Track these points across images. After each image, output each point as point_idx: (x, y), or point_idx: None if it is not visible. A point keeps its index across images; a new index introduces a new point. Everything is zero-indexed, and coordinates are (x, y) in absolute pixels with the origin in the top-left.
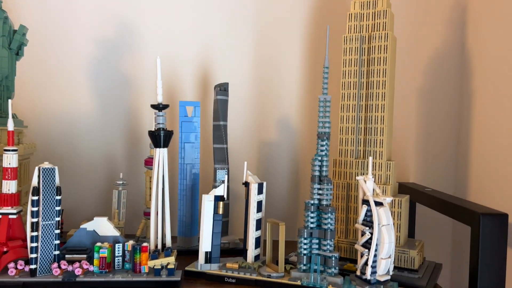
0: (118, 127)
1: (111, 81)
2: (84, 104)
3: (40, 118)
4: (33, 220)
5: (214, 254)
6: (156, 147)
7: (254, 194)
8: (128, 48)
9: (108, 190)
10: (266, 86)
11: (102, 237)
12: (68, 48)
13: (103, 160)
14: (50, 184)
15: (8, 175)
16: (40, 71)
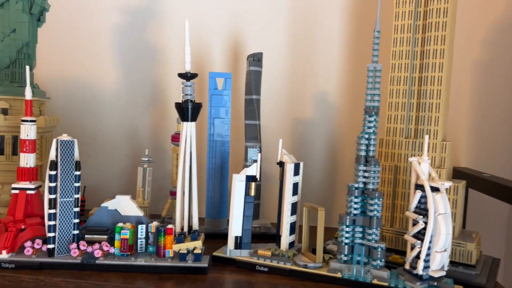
0: (143, 100)
1: (136, 51)
2: (107, 75)
3: (62, 89)
4: (51, 196)
5: (244, 239)
6: (184, 121)
7: (289, 175)
8: (153, 16)
9: (132, 167)
10: (301, 57)
11: (124, 217)
12: (92, 16)
13: (127, 135)
14: (68, 158)
15: (26, 148)
16: (63, 40)
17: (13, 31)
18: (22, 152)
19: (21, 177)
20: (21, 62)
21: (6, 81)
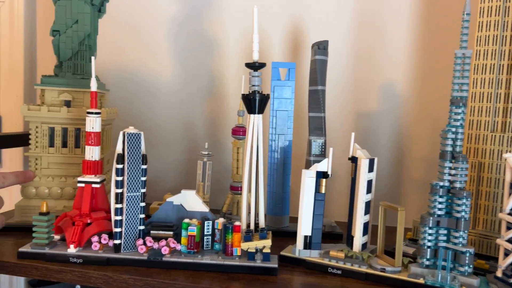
0: (199, 92)
1: (192, 42)
2: (164, 67)
3: (118, 81)
4: (118, 190)
5: (314, 239)
6: (250, 113)
7: (364, 172)
8: (211, 7)
9: (189, 160)
10: (366, 46)
11: (189, 213)
12: (149, 8)
13: (184, 128)
14: (135, 152)
15: (91, 140)
16: (119, 32)
17: (75, 23)
18: (88, 145)
19: (87, 170)
20: (83, 53)
21: (69, 73)
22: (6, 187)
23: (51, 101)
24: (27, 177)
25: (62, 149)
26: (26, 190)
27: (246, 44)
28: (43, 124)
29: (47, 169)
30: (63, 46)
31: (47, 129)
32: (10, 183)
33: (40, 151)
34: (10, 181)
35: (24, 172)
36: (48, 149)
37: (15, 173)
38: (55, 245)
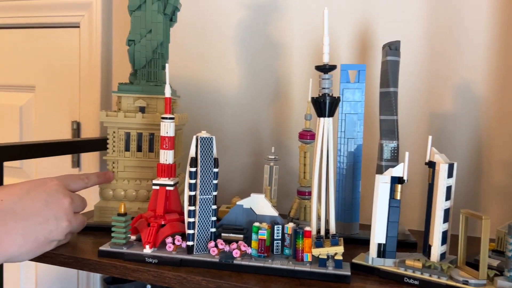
0: (265, 96)
1: (258, 46)
2: (229, 71)
3: (188, 86)
4: (191, 193)
5: (389, 248)
6: (320, 117)
7: (443, 178)
8: (277, 11)
9: (254, 164)
10: (441, 43)
11: (259, 216)
12: (215, 13)
13: (249, 132)
14: (208, 155)
15: (165, 145)
16: (186, 38)
17: (149, 32)
18: (162, 149)
19: (161, 173)
20: (156, 61)
21: (143, 80)
22: (89, 187)
23: (127, 107)
24: (108, 178)
25: (137, 153)
26: (104, 192)
27: (313, 46)
28: (119, 130)
29: (123, 172)
30: (138, 55)
31: (123, 134)
32: (93, 183)
33: (117, 155)
34: (93, 182)
35: (105, 173)
36: (124, 153)
37: (97, 173)
38: (132, 245)
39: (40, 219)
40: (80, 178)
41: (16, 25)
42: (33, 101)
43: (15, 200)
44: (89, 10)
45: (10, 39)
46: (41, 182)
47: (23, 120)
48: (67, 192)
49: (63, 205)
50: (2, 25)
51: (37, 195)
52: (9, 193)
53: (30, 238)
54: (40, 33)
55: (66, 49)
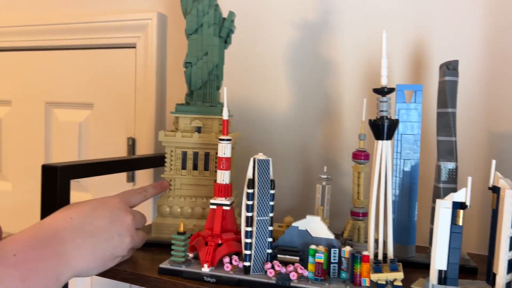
0: (315, 114)
1: (308, 65)
2: (279, 89)
3: (238, 105)
4: (248, 214)
5: (450, 275)
6: (378, 139)
7: (508, 204)
8: (328, 29)
9: (304, 182)
10: (500, 62)
11: (314, 239)
12: (266, 33)
13: (298, 150)
14: (265, 177)
15: (222, 165)
16: (237, 57)
17: (205, 54)
18: (219, 169)
19: (218, 193)
20: (211, 82)
21: (199, 101)
22: (148, 199)
23: (184, 127)
24: (164, 187)
25: (193, 171)
26: (161, 209)
27: (365, 65)
28: (177, 149)
29: (179, 190)
30: (194, 76)
31: (180, 153)
32: (151, 195)
33: (174, 173)
34: (151, 193)
35: (160, 183)
36: (181, 171)
37: (153, 185)
38: (190, 263)
39: (106, 236)
40: (138, 192)
41: (77, 46)
42: (91, 118)
43: (83, 218)
44: (145, 31)
45: (71, 59)
46: (105, 201)
47: (82, 135)
48: (129, 209)
49: (125, 222)
50: (65, 46)
51: (102, 213)
52: (77, 212)
53: (98, 254)
54: (98, 53)
55: (123, 68)
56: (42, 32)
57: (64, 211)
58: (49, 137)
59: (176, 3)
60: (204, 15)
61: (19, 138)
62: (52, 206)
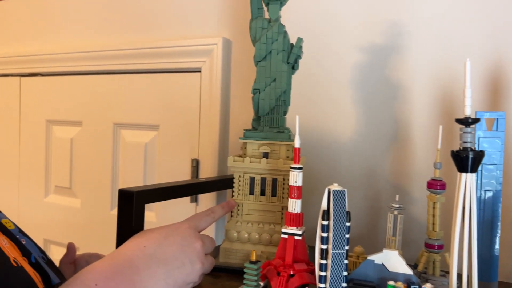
0: (383, 139)
1: (376, 89)
2: (347, 114)
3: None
4: (323, 246)
5: None
6: (461, 172)
7: None
8: (398, 52)
9: (369, 208)
10: None
11: (391, 274)
12: (331, 57)
13: (365, 175)
14: (340, 209)
15: (294, 194)
16: (303, 82)
17: (273, 81)
18: (291, 198)
19: (290, 222)
20: (279, 108)
21: (266, 126)
22: (216, 220)
23: (252, 152)
24: (231, 206)
25: (261, 197)
26: (229, 234)
27: (438, 89)
28: (245, 174)
29: (247, 215)
30: (262, 102)
31: (248, 178)
32: (219, 215)
33: (242, 198)
34: (219, 214)
35: (228, 202)
36: (249, 196)
37: (221, 205)
38: None
39: (178, 263)
40: (207, 215)
41: (144, 70)
42: (157, 139)
43: (155, 245)
44: (210, 56)
45: (139, 82)
46: (175, 227)
47: (147, 155)
48: (198, 234)
49: (196, 248)
50: (133, 70)
51: (173, 240)
52: (149, 239)
53: (171, 282)
54: (165, 77)
55: (188, 91)
56: (112, 57)
57: (137, 239)
58: (116, 156)
59: (241, 28)
60: (273, 42)
61: (88, 157)
62: (128, 230)
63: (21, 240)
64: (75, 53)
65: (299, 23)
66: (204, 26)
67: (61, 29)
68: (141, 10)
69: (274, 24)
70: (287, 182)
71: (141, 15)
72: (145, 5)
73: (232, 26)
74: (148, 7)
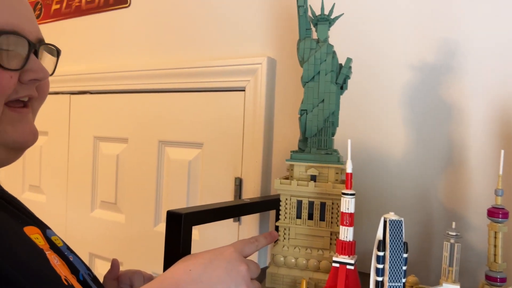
0: (436, 161)
1: (428, 108)
2: (396, 135)
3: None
4: (378, 278)
5: None
6: None
7: None
8: (451, 71)
9: (422, 234)
10: None
11: None
12: (381, 75)
13: (416, 199)
14: (397, 239)
15: (346, 221)
16: (351, 101)
17: (321, 102)
18: (342, 225)
19: (341, 251)
20: (327, 130)
21: (313, 148)
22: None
23: (299, 175)
24: (274, 237)
25: (308, 221)
26: (276, 258)
27: (496, 112)
28: (292, 197)
29: (294, 240)
30: (310, 123)
31: (295, 201)
32: (262, 245)
33: (289, 222)
34: (262, 244)
35: (270, 233)
36: (296, 220)
37: (264, 235)
38: None
39: (223, 287)
40: (251, 242)
41: (189, 89)
42: (201, 157)
43: (201, 269)
44: (254, 75)
45: (184, 101)
46: (220, 251)
47: (191, 173)
48: (243, 259)
49: (241, 272)
50: (178, 89)
51: (218, 263)
52: (195, 264)
53: None
54: (209, 96)
55: (232, 110)
56: (158, 76)
57: (183, 262)
58: (160, 173)
59: (285, 48)
60: (321, 62)
61: (133, 173)
62: (176, 251)
63: (69, 257)
64: (123, 72)
65: (347, 42)
66: (249, 45)
67: (109, 49)
68: (186, 30)
69: (322, 45)
70: (336, 207)
71: (187, 36)
72: (191, 25)
73: (276, 45)
74: (194, 27)
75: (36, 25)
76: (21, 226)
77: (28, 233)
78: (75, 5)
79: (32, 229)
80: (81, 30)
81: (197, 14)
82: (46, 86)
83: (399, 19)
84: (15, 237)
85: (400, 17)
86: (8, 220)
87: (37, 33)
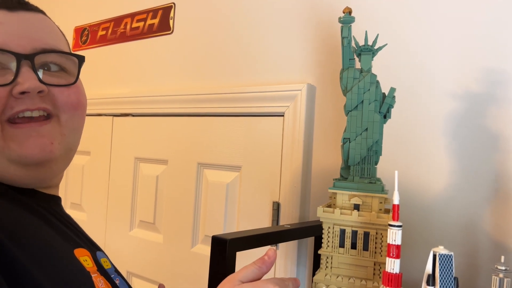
0: (481, 191)
1: (472, 138)
2: (439, 166)
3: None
4: None
5: None
6: None
7: None
8: (495, 101)
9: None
10: None
11: None
12: (423, 105)
13: (462, 230)
14: (447, 274)
15: (392, 253)
16: (393, 131)
17: (365, 130)
18: (389, 257)
19: (387, 283)
20: (370, 158)
21: (356, 176)
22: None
23: (342, 203)
24: (297, 285)
25: (351, 250)
26: (318, 287)
27: None
28: (335, 226)
29: (337, 269)
30: (353, 152)
31: (338, 230)
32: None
33: (331, 250)
34: None
35: (295, 279)
36: (338, 249)
37: (290, 279)
38: None
39: None
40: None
41: (229, 113)
42: (239, 180)
43: None
44: (294, 101)
45: (223, 125)
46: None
47: (228, 195)
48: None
49: None
50: (218, 113)
51: None
52: None
53: None
54: (248, 120)
55: (271, 135)
56: (198, 100)
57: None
58: (198, 195)
59: (325, 75)
60: (364, 92)
61: (172, 194)
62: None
63: (115, 280)
64: (164, 96)
65: (391, 71)
66: (289, 72)
67: (152, 73)
68: (227, 56)
69: (366, 74)
70: (380, 237)
71: (228, 61)
72: (232, 52)
73: (316, 72)
74: (235, 54)
75: (30, 38)
76: (71, 248)
77: (77, 255)
78: (120, 31)
79: (82, 251)
80: (125, 55)
81: (238, 41)
82: (64, 96)
83: (443, 48)
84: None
85: (444, 46)
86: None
87: (33, 44)
